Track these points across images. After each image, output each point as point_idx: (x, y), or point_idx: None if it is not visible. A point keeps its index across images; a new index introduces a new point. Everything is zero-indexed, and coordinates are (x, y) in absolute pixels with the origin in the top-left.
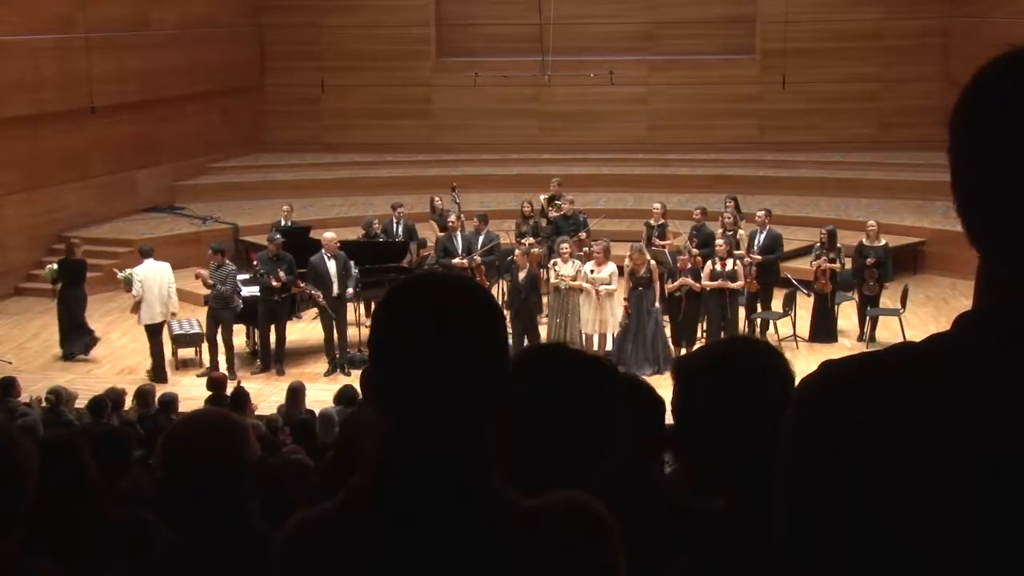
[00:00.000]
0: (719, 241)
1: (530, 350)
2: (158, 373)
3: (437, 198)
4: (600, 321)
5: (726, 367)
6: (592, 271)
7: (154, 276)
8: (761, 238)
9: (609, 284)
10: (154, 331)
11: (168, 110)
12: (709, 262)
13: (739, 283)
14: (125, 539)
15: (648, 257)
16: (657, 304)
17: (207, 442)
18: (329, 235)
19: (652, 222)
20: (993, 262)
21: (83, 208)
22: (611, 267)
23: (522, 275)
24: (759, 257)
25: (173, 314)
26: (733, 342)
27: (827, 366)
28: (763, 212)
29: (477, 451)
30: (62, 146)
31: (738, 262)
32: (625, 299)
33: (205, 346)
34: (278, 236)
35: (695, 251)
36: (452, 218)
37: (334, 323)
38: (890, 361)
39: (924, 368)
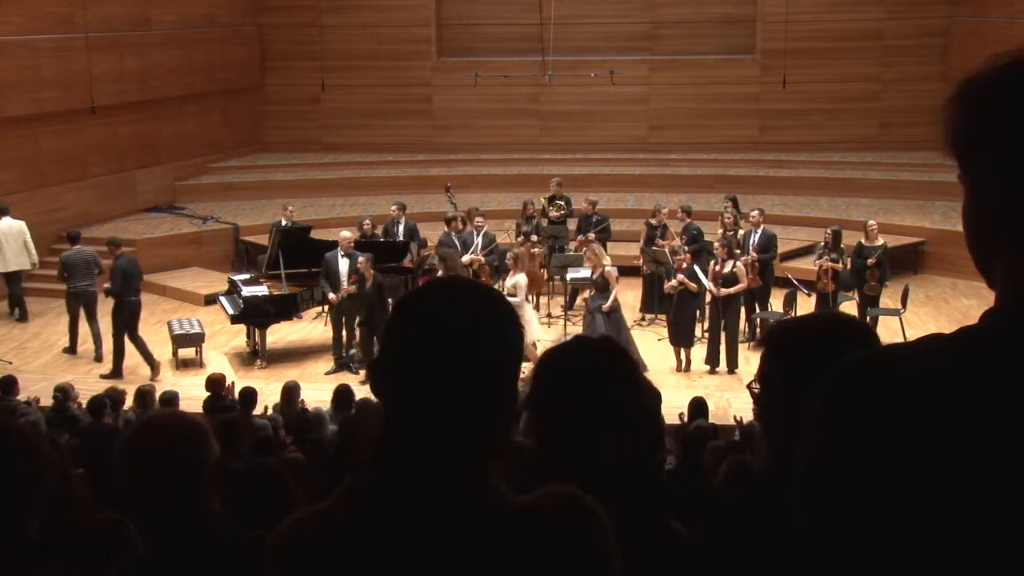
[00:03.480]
0: (716, 243)
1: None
2: (22, 314)
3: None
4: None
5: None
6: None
7: (10, 231)
8: (756, 237)
9: (514, 296)
10: (11, 279)
11: (168, 110)
12: (712, 263)
13: (740, 286)
14: (101, 541)
15: (605, 262)
16: (605, 307)
17: (161, 444)
18: (345, 234)
19: (654, 222)
20: None
21: (83, 208)
22: (517, 277)
23: (369, 284)
24: (755, 255)
25: (33, 264)
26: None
27: (856, 364)
28: (756, 212)
29: (471, 449)
30: (62, 146)
31: (738, 263)
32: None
33: (205, 345)
34: (111, 245)
35: (687, 250)
36: (458, 221)
37: (344, 321)
38: (916, 361)
39: (951, 373)
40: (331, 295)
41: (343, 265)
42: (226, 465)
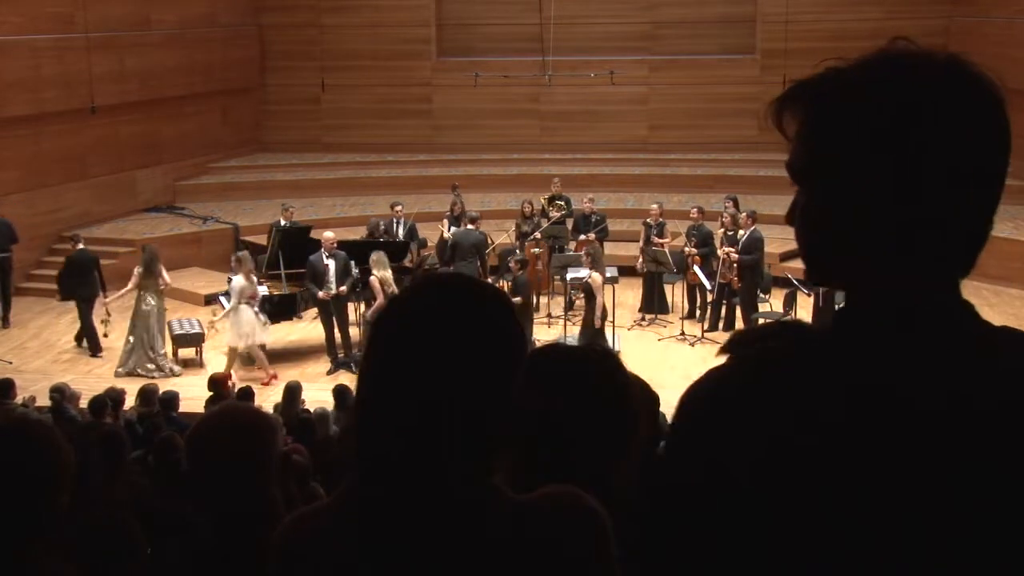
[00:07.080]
0: (583, 253)
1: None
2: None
3: (456, 201)
4: (240, 336)
5: None
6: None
7: None
8: (743, 239)
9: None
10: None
11: (168, 110)
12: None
13: (598, 300)
14: (109, 539)
15: (380, 272)
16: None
17: (234, 441)
18: (328, 234)
19: (650, 221)
20: (885, 255)
21: (83, 208)
22: (235, 279)
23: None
24: (735, 256)
25: None
26: None
27: (706, 391)
28: (744, 213)
29: (471, 448)
30: (62, 146)
31: (594, 274)
32: None
33: (205, 345)
34: None
35: (693, 250)
36: (469, 221)
37: (335, 322)
38: (772, 386)
39: (810, 397)
40: (320, 292)
41: (331, 265)
42: None
